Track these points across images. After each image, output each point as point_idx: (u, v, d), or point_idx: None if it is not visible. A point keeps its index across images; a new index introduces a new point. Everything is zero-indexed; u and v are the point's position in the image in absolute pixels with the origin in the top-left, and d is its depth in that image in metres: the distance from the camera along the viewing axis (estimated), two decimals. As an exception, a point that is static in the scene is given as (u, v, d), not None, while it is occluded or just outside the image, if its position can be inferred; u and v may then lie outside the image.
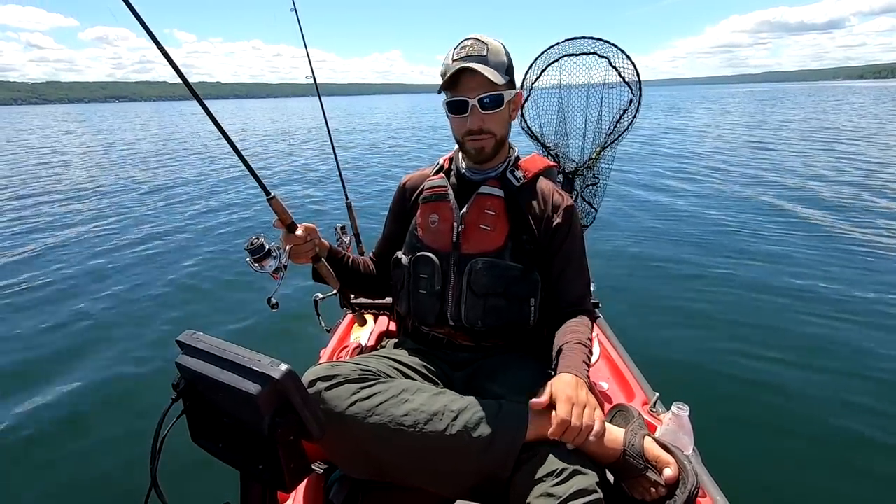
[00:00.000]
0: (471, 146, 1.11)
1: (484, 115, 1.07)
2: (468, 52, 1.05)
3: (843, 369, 2.45)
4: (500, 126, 1.11)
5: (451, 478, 0.90)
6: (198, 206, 6.62)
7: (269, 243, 1.06)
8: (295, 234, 1.10)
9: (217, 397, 0.72)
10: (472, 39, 1.06)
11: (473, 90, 1.05)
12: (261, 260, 1.05)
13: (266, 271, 1.06)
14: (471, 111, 1.06)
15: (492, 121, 1.08)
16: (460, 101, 1.06)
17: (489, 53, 1.05)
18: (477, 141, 1.10)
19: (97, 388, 2.46)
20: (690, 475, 0.82)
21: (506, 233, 1.11)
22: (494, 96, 1.06)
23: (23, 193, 7.71)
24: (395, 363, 1.08)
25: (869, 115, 20.18)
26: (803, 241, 4.49)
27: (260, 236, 1.05)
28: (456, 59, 1.05)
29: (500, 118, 1.10)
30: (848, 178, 7.27)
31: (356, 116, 33.75)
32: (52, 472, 1.91)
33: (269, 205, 1.08)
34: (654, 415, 1.24)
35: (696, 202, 6.15)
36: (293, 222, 1.10)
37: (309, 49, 2.05)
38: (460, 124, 1.10)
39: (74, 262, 4.39)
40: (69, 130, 22.85)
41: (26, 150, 14.56)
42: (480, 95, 1.05)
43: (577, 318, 1.11)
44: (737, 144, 11.99)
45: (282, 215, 1.09)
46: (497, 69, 1.05)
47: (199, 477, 1.56)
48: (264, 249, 1.05)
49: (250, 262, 1.06)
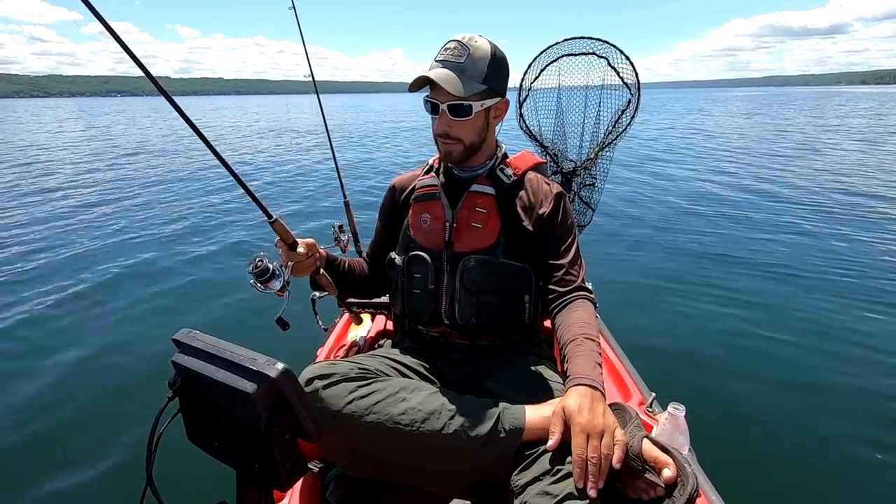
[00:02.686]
0: (440, 147, 1.13)
1: (451, 121, 1.07)
2: (447, 56, 1.04)
3: (841, 369, 2.46)
4: (469, 133, 1.09)
5: (447, 477, 0.90)
6: (196, 204, 6.60)
7: (271, 263, 1.06)
8: (297, 251, 1.11)
9: (213, 396, 0.72)
10: (455, 42, 1.05)
11: (444, 94, 1.04)
12: (266, 282, 1.05)
13: (271, 291, 1.06)
14: (441, 114, 1.06)
15: (460, 128, 1.08)
16: (432, 103, 1.07)
17: (467, 60, 1.03)
18: (445, 144, 1.11)
19: (93, 387, 2.46)
20: (690, 477, 0.82)
21: (497, 230, 1.11)
22: (462, 106, 1.04)
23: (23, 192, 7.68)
24: (392, 362, 1.08)
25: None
26: (804, 240, 4.52)
27: (263, 258, 1.05)
28: (436, 59, 1.05)
29: (469, 126, 1.08)
30: (856, 183, 7.29)
31: (357, 114, 33.70)
32: (47, 471, 1.90)
33: (272, 227, 1.08)
34: (650, 415, 1.24)
35: (696, 201, 6.17)
36: (295, 240, 1.11)
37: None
38: (434, 124, 1.11)
39: (71, 259, 4.37)
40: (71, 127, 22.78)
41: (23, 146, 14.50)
42: (449, 102, 1.04)
43: (580, 305, 1.07)
44: (739, 145, 12.01)
45: (284, 236, 1.09)
46: (471, 77, 1.03)
47: (195, 476, 1.56)
48: (269, 271, 1.05)
49: (254, 283, 1.06)
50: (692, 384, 2.36)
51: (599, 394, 0.86)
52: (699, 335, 2.83)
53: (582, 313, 1.05)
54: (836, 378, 2.40)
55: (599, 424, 0.80)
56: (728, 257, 4.12)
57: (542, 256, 1.13)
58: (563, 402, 0.85)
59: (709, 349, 2.67)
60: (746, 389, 2.32)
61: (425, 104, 1.10)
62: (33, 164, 10.55)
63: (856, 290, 3.40)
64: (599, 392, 0.87)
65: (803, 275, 3.70)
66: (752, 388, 2.33)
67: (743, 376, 2.42)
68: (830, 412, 2.15)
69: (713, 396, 2.27)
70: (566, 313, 1.06)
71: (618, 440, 0.81)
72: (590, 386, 0.87)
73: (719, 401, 2.24)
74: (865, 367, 2.48)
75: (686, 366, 2.53)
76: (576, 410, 0.82)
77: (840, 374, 2.43)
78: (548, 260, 1.13)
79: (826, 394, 2.28)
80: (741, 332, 2.85)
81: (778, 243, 4.46)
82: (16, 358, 2.74)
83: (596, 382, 0.88)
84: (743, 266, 3.90)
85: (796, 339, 2.76)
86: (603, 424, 0.81)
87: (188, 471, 1.57)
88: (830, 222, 5.13)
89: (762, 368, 2.48)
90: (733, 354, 2.62)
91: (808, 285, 3.50)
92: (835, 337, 2.77)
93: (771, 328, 2.87)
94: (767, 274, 3.72)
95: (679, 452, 0.88)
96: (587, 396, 0.84)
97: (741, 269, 3.83)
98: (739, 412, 2.17)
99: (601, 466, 0.77)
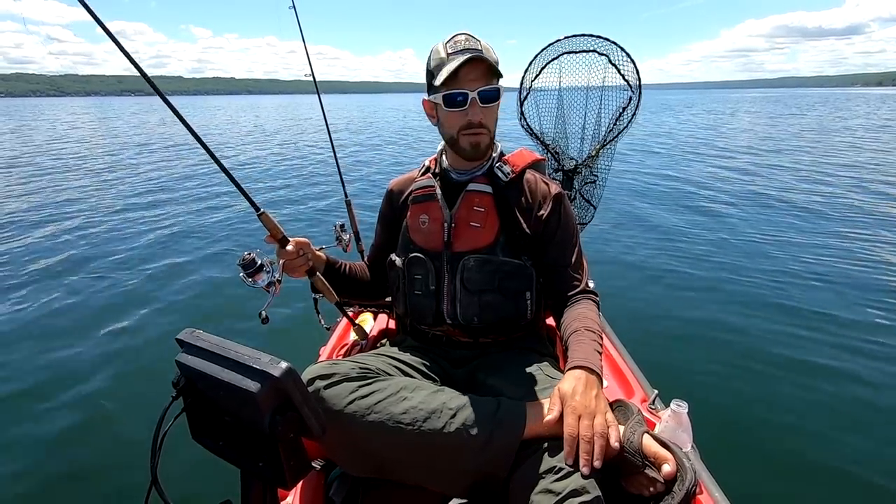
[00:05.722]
0: (466, 141, 1.09)
1: (484, 109, 1.06)
2: (464, 45, 1.04)
3: (846, 368, 2.46)
4: (493, 121, 1.11)
5: (449, 475, 0.90)
6: (197, 203, 6.61)
7: (261, 258, 1.07)
8: (287, 249, 1.11)
9: (217, 395, 0.72)
10: (463, 35, 1.05)
11: (473, 82, 1.03)
12: (253, 275, 1.06)
13: (259, 286, 1.07)
14: (470, 104, 1.05)
15: (489, 115, 1.08)
16: (459, 94, 1.04)
17: (483, 47, 1.05)
18: (474, 136, 1.08)
19: (97, 386, 2.47)
20: (688, 472, 0.83)
21: (496, 229, 1.11)
22: (494, 89, 1.05)
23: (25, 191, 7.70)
24: (394, 361, 1.08)
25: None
26: (809, 239, 4.52)
27: (253, 252, 1.06)
28: (452, 52, 1.04)
29: (495, 112, 1.10)
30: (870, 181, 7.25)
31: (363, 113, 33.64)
32: (51, 470, 1.91)
33: (260, 220, 1.09)
34: (653, 412, 1.24)
35: (701, 199, 6.16)
36: (284, 236, 1.11)
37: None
38: (457, 118, 1.07)
39: (71, 258, 4.38)
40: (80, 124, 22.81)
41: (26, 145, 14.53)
42: (480, 88, 1.04)
43: (582, 304, 1.10)
44: (741, 147, 11.98)
45: (273, 230, 1.09)
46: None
47: (199, 475, 1.56)
48: (256, 265, 1.06)
49: (243, 277, 1.07)
50: (695, 381, 2.36)
51: (595, 378, 0.89)
52: (703, 332, 2.83)
53: (585, 310, 1.07)
54: (841, 376, 2.39)
55: (591, 406, 0.84)
56: (732, 255, 4.12)
57: (545, 261, 1.14)
58: (560, 384, 0.89)
59: (712, 346, 2.67)
60: (750, 386, 2.32)
61: (446, 99, 1.05)
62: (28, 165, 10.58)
63: (862, 288, 3.39)
64: (595, 376, 0.89)
65: (808, 273, 3.69)
66: (755, 385, 2.33)
67: (747, 374, 2.42)
68: (834, 410, 2.15)
69: (716, 393, 2.27)
70: (569, 311, 1.09)
71: (611, 422, 0.83)
72: (586, 369, 0.90)
73: (722, 398, 2.24)
74: (871, 365, 2.48)
75: (689, 363, 2.53)
76: (569, 393, 0.86)
77: (845, 372, 2.42)
78: (551, 265, 1.14)
79: (830, 392, 2.28)
80: (745, 328, 2.85)
81: (783, 242, 4.44)
82: (15, 357, 2.75)
83: (593, 366, 0.91)
84: (748, 264, 3.90)
85: (800, 336, 2.75)
86: (594, 407, 0.84)
87: (193, 470, 1.57)
88: (837, 221, 5.11)
89: (766, 366, 2.48)
90: (737, 352, 2.61)
91: (813, 284, 3.49)
92: (840, 335, 2.77)
93: (775, 326, 2.87)
94: (772, 272, 3.71)
95: (679, 448, 0.88)
96: (582, 380, 0.88)
97: (746, 268, 3.82)
98: (743, 409, 2.17)
99: (594, 445, 0.80)
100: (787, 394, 2.26)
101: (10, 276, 3.96)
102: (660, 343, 2.71)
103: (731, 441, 1.95)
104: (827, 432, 2.02)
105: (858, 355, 2.55)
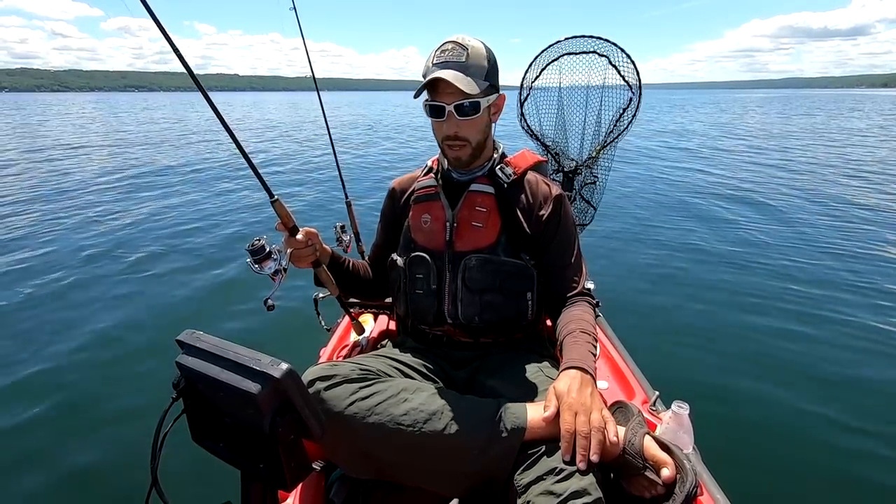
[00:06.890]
0: (448, 153, 1.13)
1: (460, 122, 1.06)
2: (447, 57, 1.04)
3: (848, 368, 2.46)
4: (475, 132, 1.10)
5: (450, 477, 0.90)
6: (199, 203, 6.61)
7: (269, 245, 1.08)
8: (296, 237, 1.11)
9: (217, 396, 0.72)
10: (452, 43, 1.05)
11: (450, 96, 1.04)
12: (261, 261, 1.07)
13: (265, 273, 1.08)
14: (447, 116, 1.06)
15: (468, 127, 1.08)
16: (437, 106, 1.06)
17: (468, 59, 1.04)
18: (453, 149, 1.10)
19: (96, 387, 2.46)
20: (689, 474, 0.82)
21: (498, 229, 1.11)
22: (470, 103, 1.04)
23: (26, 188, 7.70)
24: (394, 362, 1.08)
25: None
26: (810, 240, 4.51)
27: (262, 238, 1.07)
28: (436, 62, 1.04)
29: (476, 124, 1.09)
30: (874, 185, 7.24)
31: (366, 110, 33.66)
32: (51, 472, 1.91)
33: (273, 207, 1.10)
34: (654, 413, 1.24)
35: (701, 200, 6.16)
36: (295, 226, 1.12)
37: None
38: (438, 128, 1.10)
39: (72, 258, 4.38)
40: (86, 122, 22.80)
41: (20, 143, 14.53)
42: (456, 102, 1.04)
43: (578, 306, 1.11)
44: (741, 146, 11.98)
45: (284, 218, 1.11)
46: (475, 75, 1.04)
47: (199, 476, 1.56)
48: (265, 251, 1.06)
49: (251, 262, 1.08)
50: (696, 383, 2.35)
51: (589, 377, 0.90)
52: (704, 333, 2.82)
53: (580, 312, 1.09)
54: (843, 377, 2.39)
55: (587, 403, 0.85)
56: (733, 255, 4.11)
57: (544, 262, 1.14)
58: (555, 383, 0.90)
59: (713, 348, 2.66)
60: (751, 388, 2.31)
61: (426, 109, 1.09)
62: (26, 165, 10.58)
63: (866, 290, 3.37)
64: (589, 376, 0.91)
65: (809, 274, 3.68)
66: (757, 386, 2.33)
67: (748, 375, 2.41)
68: (836, 411, 2.14)
69: (718, 395, 2.26)
70: (565, 313, 1.10)
71: (607, 418, 0.84)
72: (580, 369, 0.91)
73: (724, 399, 2.23)
74: (873, 365, 2.47)
75: (691, 364, 2.52)
76: (564, 391, 0.87)
77: (847, 373, 2.42)
78: (549, 265, 1.14)
79: (832, 393, 2.27)
80: (746, 330, 2.84)
81: (784, 243, 4.43)
82: (15, 357, 2.75)
83: (587, 366, 0.92)
84: (748, 264, 3.89)
85: (802, 337, 2.75)
86: (590, 404, 0.85)
87: (193, 472, 1.57)
88: (841, 223, 5.10)
89: (767, 367, 2.47)
90: (738, 353, 2.61)
91: (815, 284, 3.48)
92: (842, 335, 2.76)
93: (777, 326, 2.86)
94: (773, 272, 3.71)
95: (680, 450, 0.88)
96: (577, 379, 0.89)
97: (746, 268, 3.81)
98: (744, 410, 2.17)
99: (590, 440, 0.80)
100: (789, 395, 2.26)
101: (8, 275, 3.96)
102: (661, 344, 2.70)
103: (733, 442, 1.94)
104: (829, 434, 2.01)
105: (862, 357, 2.55)
